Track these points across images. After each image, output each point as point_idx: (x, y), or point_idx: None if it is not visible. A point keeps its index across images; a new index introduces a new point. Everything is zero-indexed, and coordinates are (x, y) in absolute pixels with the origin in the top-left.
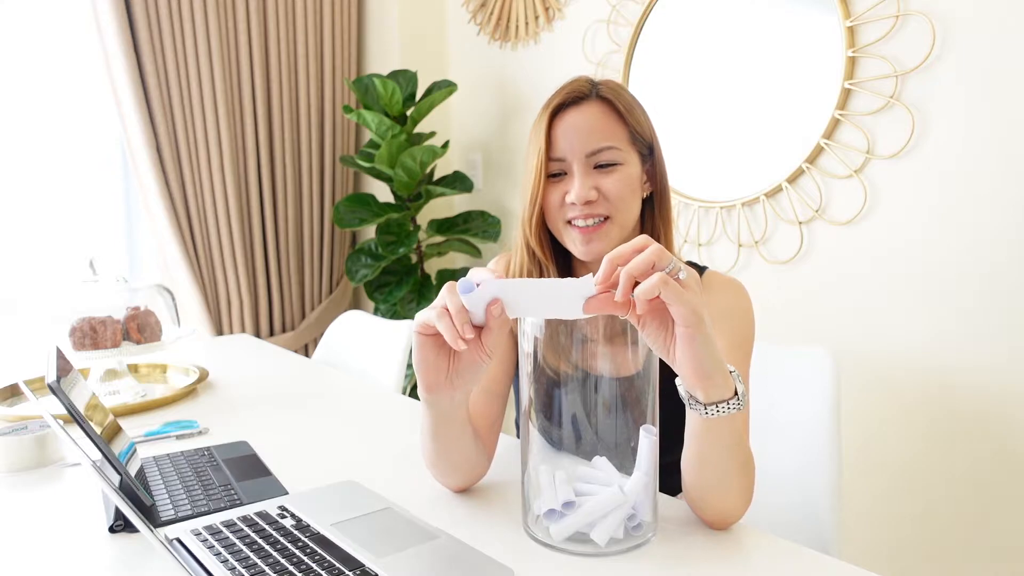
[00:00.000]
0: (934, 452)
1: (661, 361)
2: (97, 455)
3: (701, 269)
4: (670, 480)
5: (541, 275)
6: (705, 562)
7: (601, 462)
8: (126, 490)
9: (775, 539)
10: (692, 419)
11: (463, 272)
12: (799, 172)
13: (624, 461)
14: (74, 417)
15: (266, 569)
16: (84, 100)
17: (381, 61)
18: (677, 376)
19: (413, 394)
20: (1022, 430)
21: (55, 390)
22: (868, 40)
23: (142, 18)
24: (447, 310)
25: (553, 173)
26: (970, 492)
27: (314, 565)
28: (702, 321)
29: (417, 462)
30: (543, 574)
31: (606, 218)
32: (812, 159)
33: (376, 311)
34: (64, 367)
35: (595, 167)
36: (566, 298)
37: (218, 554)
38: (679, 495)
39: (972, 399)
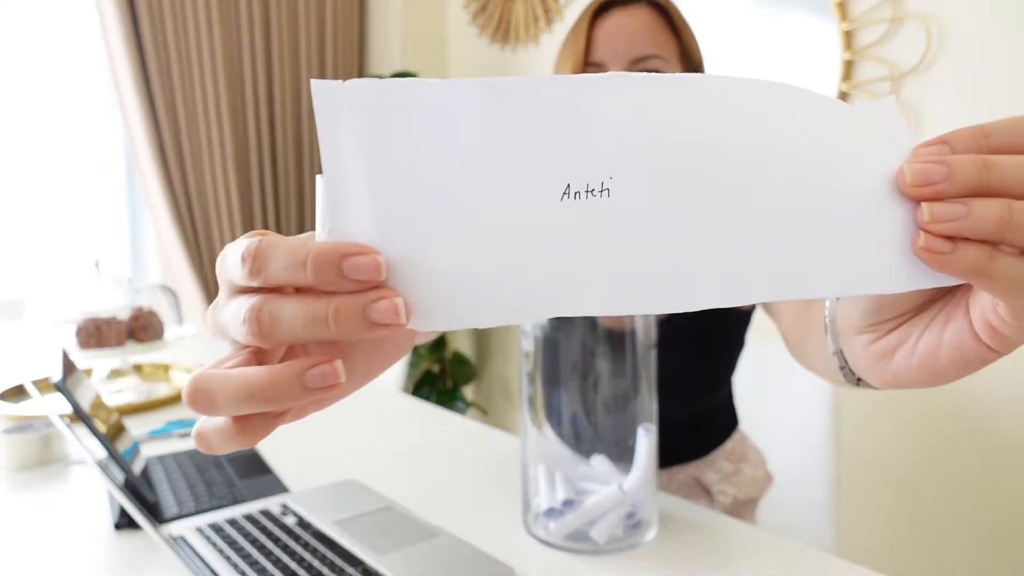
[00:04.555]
0: (934, 451)
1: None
2: (102, 453)
3: None
4: (696, 435)
5: None
6: (705, 561)
7: (600, 461)
8: (130, 488)
9: (775, 538)
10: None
11: None
12: None
13: (623, 460)
14: (79, 416)
15: (269, 566)
16: (88, 101)
17: (383, 62)
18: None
19: (416, 392)
20: (1023, 428)
21: (60, 389)
22: (864, 43)
23: (146, 19)
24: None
25: None
26: (971, 491)
27: (316, 562)
28: None
29: (418, 461)
30: (543, 572)
31: None
32: None
33: None
34: (69, 367)
35: None
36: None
37: (221, 551)
38: (689, 464)
39: (972, 397)
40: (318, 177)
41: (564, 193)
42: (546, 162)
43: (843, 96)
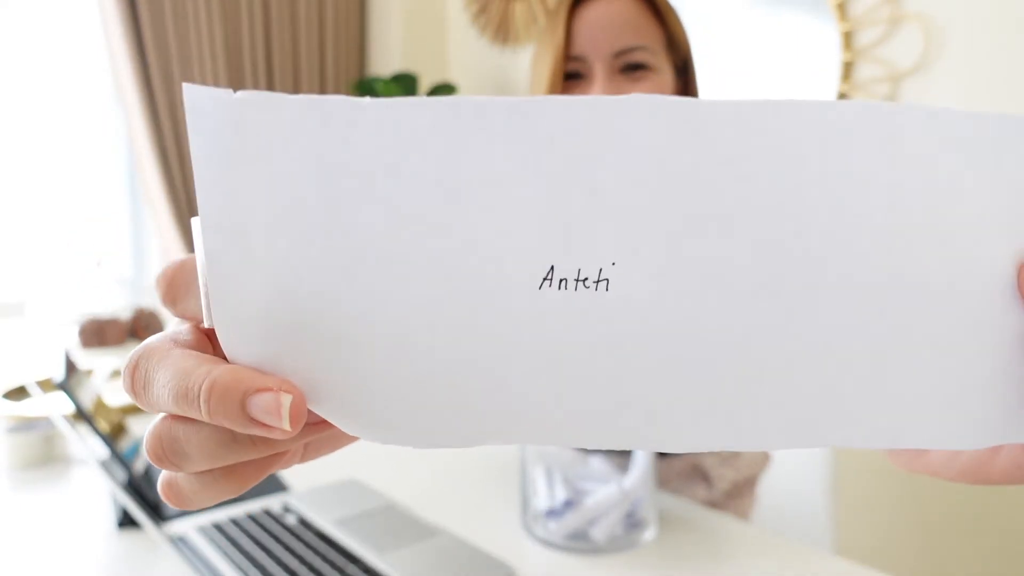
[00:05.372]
0: None
1: None
2: (104, 453)
3: None
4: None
5: None
6: (705, 560)
7: (599, 460)
8: (132, 487)
9: (776, 537)
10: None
11: None
12: None
13: (622, 459)
14: (81, 415)
15: (270, 565)
16: (89, 101)
17: (383, 63)
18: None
19: None
20: None
21: (62, 389)
22: (863, 44)
23: (147, 19)
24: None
25: (570, 74)
26: (970, 489)
27: (317, 561)
28: None
29: (418, 461)
30: (543, 572)
31: None
32: None
33: None
34: (71, 366)
35: (622, 71)
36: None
37: (223, 550)
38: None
39: None
40: (194, 220)
41: (545, 279)
42: (527, 230)
43: (842, 97)
